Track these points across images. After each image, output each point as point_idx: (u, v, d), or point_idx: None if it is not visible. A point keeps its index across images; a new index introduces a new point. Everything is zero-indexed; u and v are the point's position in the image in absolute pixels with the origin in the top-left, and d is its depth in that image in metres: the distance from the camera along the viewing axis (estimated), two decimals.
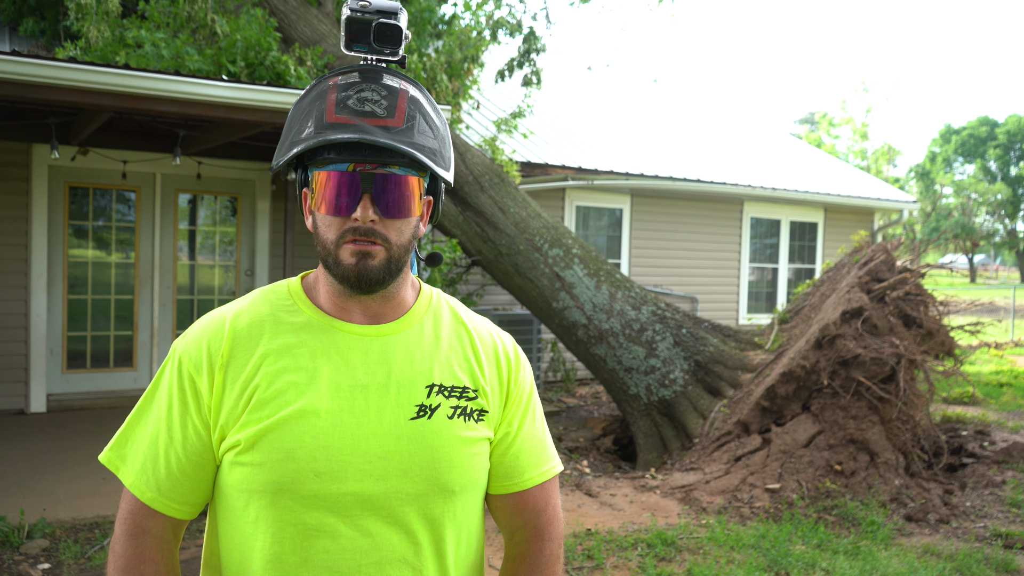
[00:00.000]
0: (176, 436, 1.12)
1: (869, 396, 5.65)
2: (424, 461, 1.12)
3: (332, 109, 1.08)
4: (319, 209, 1.11)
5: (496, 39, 8.81)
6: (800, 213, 12.11)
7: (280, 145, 1.15)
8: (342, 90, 1.10)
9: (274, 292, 1.20)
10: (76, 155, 7.07)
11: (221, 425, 1.10)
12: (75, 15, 6.58)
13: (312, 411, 1.09)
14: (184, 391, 1.12)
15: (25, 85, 4.46)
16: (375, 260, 1.09)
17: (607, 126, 12.48)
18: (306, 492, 1.07)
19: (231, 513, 1.13)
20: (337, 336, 1.14)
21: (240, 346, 1.12)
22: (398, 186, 1.09)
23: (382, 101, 1.09)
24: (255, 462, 1.08)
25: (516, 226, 7.05)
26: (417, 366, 1.16)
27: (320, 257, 1.14)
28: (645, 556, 4.38)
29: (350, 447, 1.09)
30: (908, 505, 5.32)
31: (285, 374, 1.10)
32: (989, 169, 47.71)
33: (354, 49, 1.14)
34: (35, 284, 6.96)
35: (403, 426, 1.12)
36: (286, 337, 1.13)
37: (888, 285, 6.09)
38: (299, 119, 1.12)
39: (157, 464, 1.13)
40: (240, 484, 1.10)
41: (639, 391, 6.56)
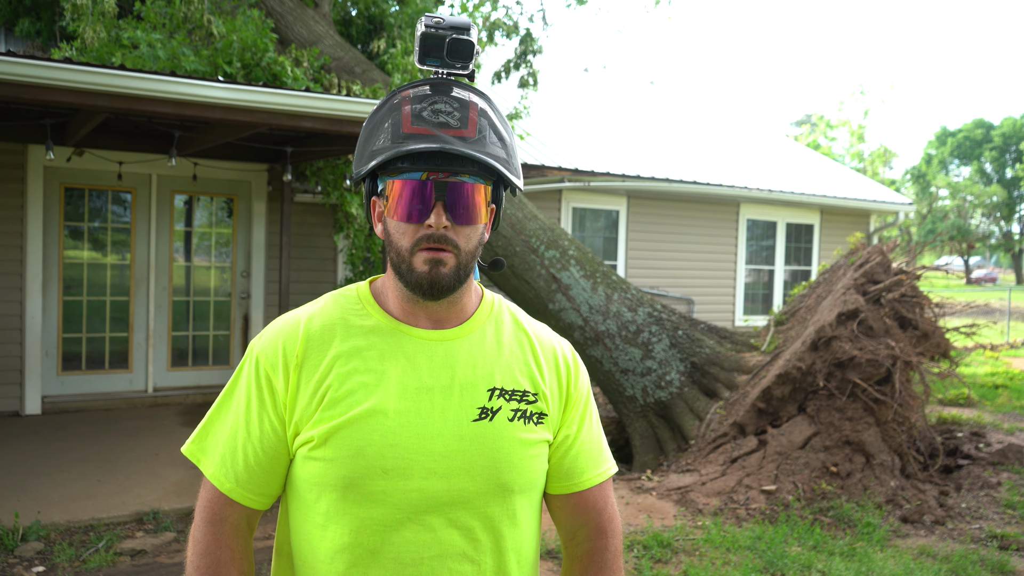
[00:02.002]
0: (254, 431, 1.19)
1: (865, 398, 5.65)
2: (485, 461, 1.18)
3: (408, 121, 1.14)
4: (393, 216, 1.16)
5: (493, 41, 8.81)
6: (796, 215, 12.13)
7: (359, 156, 1.21)
8: (416, 102, 1.16)
9: (344, 297, 1.26)
10: (72, 156, 7.05)
11: (296, 422, 1.17)
12: (71, 16, 6.57)
13: (380, 411, 1.15)
14: (261, 388, 1.19)
15: (20, 86, 4.45)
16: (447, 267, 1.15)
17: (604, 128, 12.48)
18: (374, 488, 1.13)
19: (303, 505, 1.19)
20: (404, 340, 1.20)
21: (313, 347, 1.19)
22: (468, 194, 1.15)
23: (455, 113, 1.14)
24: (327, 457, 1.14)
25: (512, 227, 7.05)
26: (479, 370, 1.22)
27: (393, 264, 1.19)
28: (641, 558, 4.38)
29: (416, 446, 1.15)
30: (904, 507, 5.33)
31: (355, 375, 1.16)
32: (984, 171, 47.83)
33: (427, 63, 1.19)
34: (30, 285, 6.94)
35: (466, 427, 1.18)
36: (356, 340, 1.19)
37: (884, 287, 6.10)
38: (375, 131, 1.18)
39: (236, 457, 1.19)
40: (312, 478, 1.16)
41: (635, 393, 6.56)
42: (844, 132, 41.32)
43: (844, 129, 41.15)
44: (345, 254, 7.73)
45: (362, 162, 1.19)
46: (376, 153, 1.15)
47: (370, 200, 1.25)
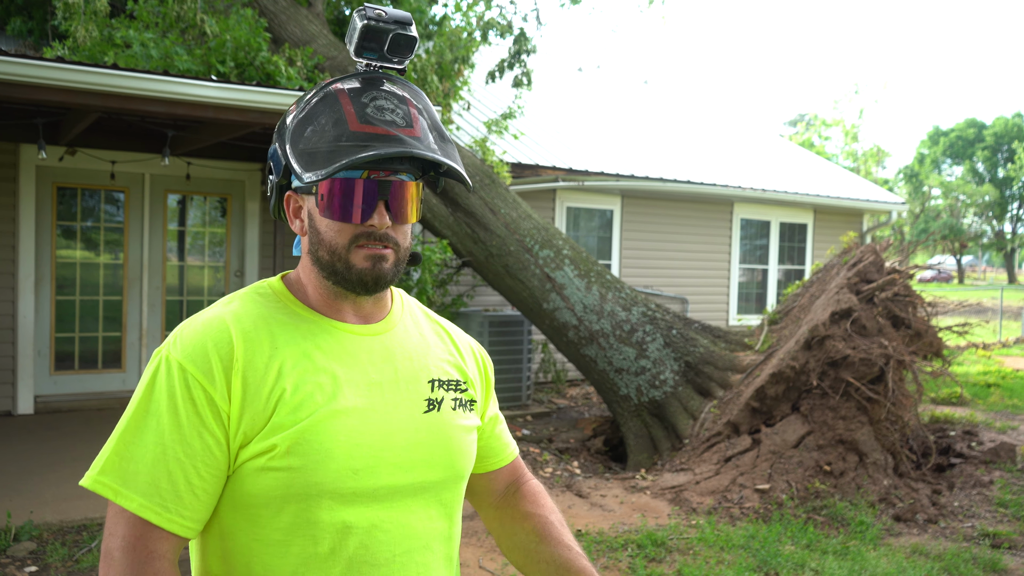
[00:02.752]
0: (192, 449, 1.06)
1: (858, 397, 5.67)
2: (442, 451, 1.20)
3: (353, 118, 1.10)
4: (331, 215, 1.12)
5: (487, 40, 8.80)
6: (790, 214, 12.15)
7: (299, 155, 1.11)
8: (354, 96, 1.12)
9: (260, 294, 1.20)
10: (64, 155, 7.02)
11: (243, 432, 1.07)
12: (63, 15, 6.54)
13: (343, 411, 1.11)
14: (193, 400, 1.07)
15: (12, 85, 4.43)
16: (388, 263, 1.15)
17: (598, 127, 12.49)
18: (345, 490, 1.10)
19: (253, 524, 1.10)
20: (340, 337, 1.17)
21: (253, 349, 1.10)
22: (407, 192, 1.14)
23: (397, 110, 1.12)
24: (293, 466, 1.07)
25: (507, 227, 7.05)
26: (416, 363, 1.23)
27: (323, 262, 1.15)
28: (635, 557, 4.39)
29: (381, 442, 1.13)
30: (897, 505, 5.35)
31: (309, 376, 1.11)
32: (977, 171, 48.02)
33: (363, 56, 1.16)
34: (23, 285, 6.91)
35: (419, 419, 1.18)
36: (295, 339, 1.14)
37: (877, 286, 6.11)
38: (309, 128, 1.12)
39: (172, 481, 1.05)
40: (272, 490, 1.08)
41: (629, 392, 6.57)
42: (838, 131, 41.44)
43: (838, 128, 41.27)
44: None
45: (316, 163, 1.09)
46: (336, 152, 1.08)
47: (281, 194, 1.21)
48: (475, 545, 4.50)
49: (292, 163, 1.12)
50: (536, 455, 6.49)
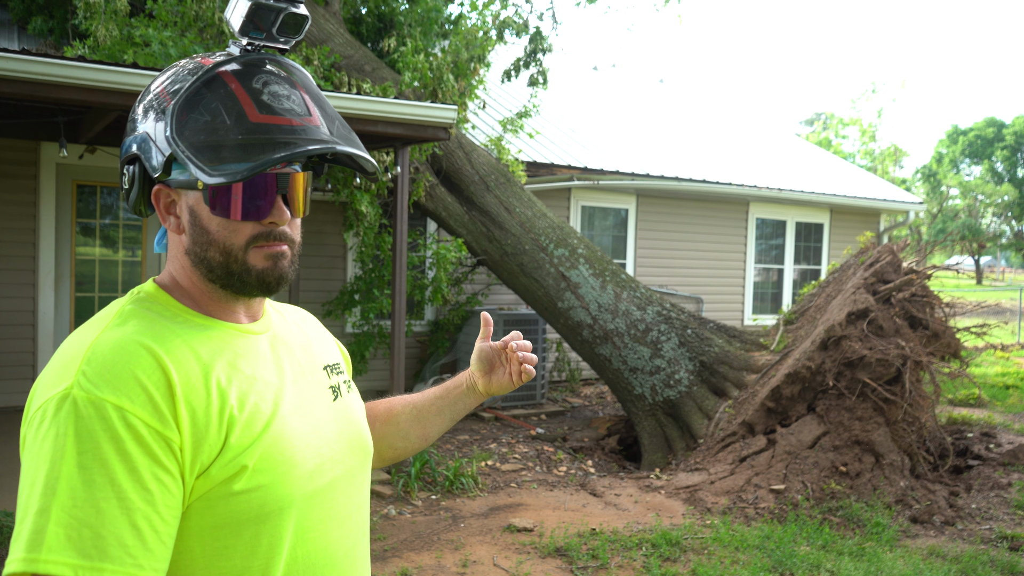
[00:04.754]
0: (152, 495, 0.92)
1: (875, 397, 5.64)
2: (356, 435, 1.19)
3: (253, 107, 1.00)
4: (225, 213, 1.02)
5: (503, 39, 8.80)
6: (806, 214, 12.09)
7: (198, 148, 0.98)
8: (243, 81, 1.02)
9: (149, 307, 1.06)
10: (84, 153, 7.09)
11: (200, 461, 0.97)
12: (83, 14, 6.60)
13: (286, 415, 1.06)
14: (140, 441, 0.92)
15: (34, 84, 4.48)
16: (287, 261, 1.08)
17: (613, 126, 12.47)
18: (307, 494, 1.06)
19: (221, 556, 1.00)
20: (246, 340, 1.10)
21: (184, 371, 0.99)
22: (300, 185, 1.08)
23: (292, 97, 1.03)
24: (263, 483, 1.00)
25: (522, 226, 7.05)
26: (307, 353, 1.20)
27: (214, 263, 1.05)
28: (650, 556, 4.39)
29: (318, 439, 1.10)
30: (913, 507, 5.32)
31: (246, 387, 1.04)
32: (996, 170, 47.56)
33: (250, 36, 1.05)
34: (43, 282, 6.99)
35: (333, 408, 1.16)
36: (215, 350, 1.04)
37: (894, 286, 6.08)
38: (202, 116, 1.00)
39: (139, 535, 0.91)
40: (244, 513, 0.99)
41: (644, 391, 6.56)
42: (855, 131, 41.15)
43: (855, 128, 40.98)
44: (355, 252, 7.75)
45: (222, 159, 0.97)
46: (250, 148, 0.97)
47: (144, 186, 1.08)
48: (489, 543, 4.52)
49: (189, 159, 0.98)
50: (550, 454, 6.50)
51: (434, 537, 4.58)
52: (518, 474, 5.94)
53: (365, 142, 6.18)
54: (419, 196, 6.94)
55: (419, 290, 7.83)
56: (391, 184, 6.59)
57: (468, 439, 6.88)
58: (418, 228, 8.60)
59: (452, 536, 4.60)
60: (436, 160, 7.15)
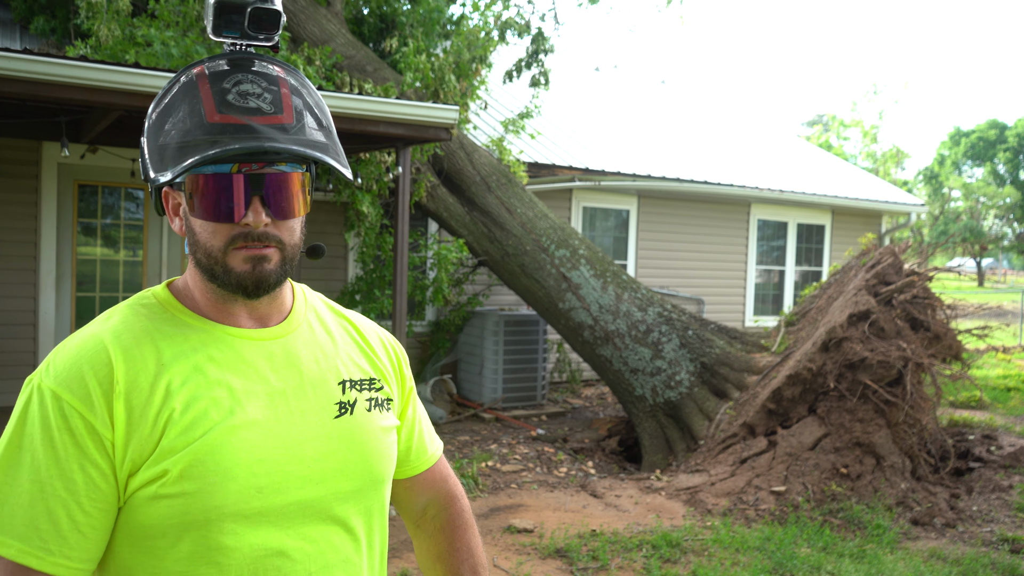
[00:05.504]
0: (74, 485, 0.95)
1: (876, 399, 5.64)
2: (357, 457, 1.12)
3: (212, 106, 0.99)
4: (201, 215, 1.02)
5: (504, 40, 8.81)
6: (807, 215, 12.08)
7: (154, 153, 1.02)
8: (215, 82, 1.01)
9: (144, 306, 1.09)
10: (85, 153, 7.10)
11: (130, 460, 0.97)
12: (85, 14, 6.61)
13: (240, 426, 1.02)
14: (72, 431, 0.96)
15: (36, 83, 4.48)
16: (271, 264, 1.05)
17: (615, 127, 12.47)
18: (249, 511, 1.01)
19: (152, 557, 1.00)
20: (236, 344, 1.08)
21: (135, 369, 1.00)
22: (287, 185, 1.04)
23: (265, 95, 1.01)
24: (188, 491, 0.98)
25: (523, 226, 7.05)
26: (323, 364, 1.14)
27: (202, 265, 1.06)
28: (650, 557, 4.38)
29: (286, 456, 1.05)
30: (914, 509, 5.31)
31: (201, 391, 1.02)
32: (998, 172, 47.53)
33: (223, 35, 1.05)
34: (44, 281, 6.99)
35: (330, 426, 1.10)
36: (184, 352, 1.04)
37: (895, 288, 6.07)
38: (168, 119, 1.02)
39: (53, 521, 0.95)
40: (168, 519, 0.98)
41: (645, 392, 6.56)
42: (856, 132, 41.14)
43: (856, 129, 40.98)
44: (356, 252, 7.75)
45: (164, 162, 1.00)
46: (185, 149, 0.98)
47: (160, 192, 1.09)
48: (490, 544, 4.51)
49: (146, 160, 1.01)
50: (551, 455, 6.50)
51: None
52: (518, 475, 5.93)
53: (367, 142, 6.18)
54: (420, 196, 6.94)
55: (420, 291, 7.83)
56: (392, 184, 6.59)
57: (468, 440, 6.88)
58: (419, 228, 8.60)
59: None
60: (437, 160, 7.16)
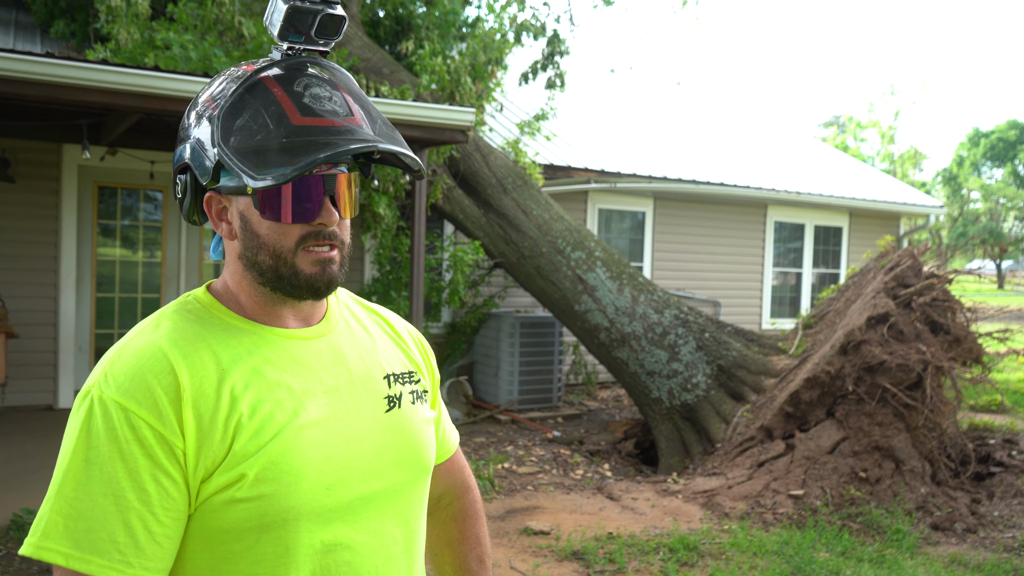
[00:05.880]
0: (149, 495, 0.96)
1: (895, 403, 5.59)
2: (409, 449, 1.15)
3: (295, 110, 1.01)
4: (274, 216, 1.04)
5: (520, 42, 8.81)
6: (824, 217, 12.01)
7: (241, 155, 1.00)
8: (284, 85, 1.02)
9: (189, 311, 1.09)
10: (105, 155, 7.16)
11: (203, 466, 0.99)
12: (105, 17, 6.67)
13: (307, 425, 1.04)
14: (142, 442, 0.96)
15: (58, 86, 4.53)
16: (336, 265, 1.08)
17: (630, 129, 12.45)
18: (320, 508, 1.04)
19: (225, 562, 1.02)
20: (287, 345, 1.09)
21: (198, 375, 1.01)
22: (348, 186, 1.08)
23: (333, 98, 1.04)
24: (265, 493, 1.00)
25: (539, 228, 7.05)
26: (367, 360, 1.16)
27: (263, 267, 1.06)
28: (667, 560, 4.37)
29: (348, 452, 1.07)
30: (934, 514, 5.26)
31: (263, 394, 1.03)
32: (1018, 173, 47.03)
33: (289, 40, 1.06)
34: (64, 282, 7.06)
35: (382, 420, 1.13)
36: (240, 355, 1.05)
37: (915, 291, 6.02)
38: (244, 121, 1.01)
39: (130, 533, 0.95)
40: (245, 522, 1.00)
41: (661, 395, 6.53)
42: (874, 133, 40.86)
43: (874, 130, 40.69)
44: (372, 253, 7.77)
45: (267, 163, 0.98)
46: (291, 151, 0.98)
47: (197, 194, 1.09)
48: (506, 546, 4.51)
49: (234, 164, 0.99)
50: (567, 457, 6.49)
51: None
52: (535, 477, 5.93)
53: None
54: (436, 198, 6.95)
55: (436, 292, 7.84)
56: (409, 187, 6.61)
57: (484, 441, 6.88)
58: (435, 230, 8.62)
59: None
60: (453, 162, 7.17)
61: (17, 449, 5.70)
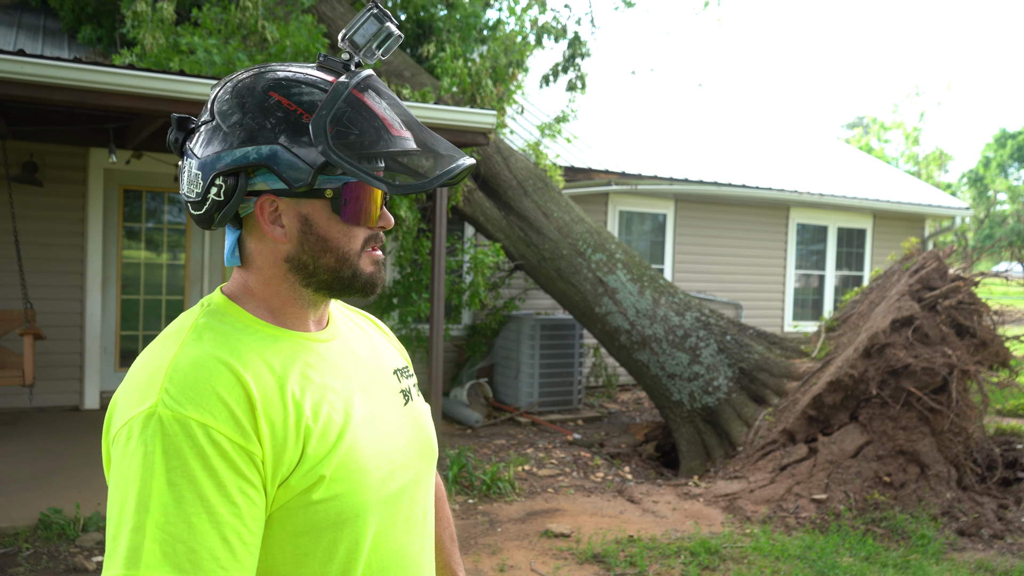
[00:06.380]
0: (240, 509, 0.96)
1: (920, 407, 5.52)
2: (426, 440, 1.22)
3: (390, 122, 1.07)
4: (352, 220, 1.08)
5: (541, 44, 8.82)
6: (848, 219, 11.90)
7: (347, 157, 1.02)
8: (373, 99, 1.08)
9: (221, 320, 1.09)
10: (131, 159, 7.25)
11: (281, 473, 1.00)
12: (131, 22, 6.76)
13: (359, 423, 1.09)
14: (226, 456, 0.95)
15: (86, 91, 4.60)
16: (383, 267, 1.15)
17: (651, 131, 12.41)
18: (379, 501, 1.09)
19: (302, 561, 1.03)
20: (316, 348, 1.12)
21: (262, 384, 1.02)
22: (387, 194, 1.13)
23: (401, 114, 1.10)
24: (340, 493, 1.03)
25: (559, 231, 7.05)
26: (375, 357, 1.22)
27: (323, 268, 1.09)
28: (688, 564, 4.34)
29: (390, 446, 1.13)
30: (960, 519, 5.19)
31: (318, 397, 1.06)
32: None
33: (366, 56, 1.12)
34: (90, 284, 7.16)
35: (404, 413, 1.19)
36: (286, 361, 1.07)
37: (940, 293, 5.95)
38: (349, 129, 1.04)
39: (229, 548, 0.94)
40: (323, 521, 1.02)
41: (682, 398, 6.51)
42: (898, 135, 40.42)
43: (898, 132, 40.26)
44: (393, 256, 7.81)
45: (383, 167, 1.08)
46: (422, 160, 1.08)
47: (259, 197, 1.07)
48: (527, 548, 4.51)
49: (359, 170, 1.02)
50: (587, 459, 6.47)
51: (471, 541, 4.59)
52: (555, 479, 5.92)
53: None
54: (457, 201, 6.97)
55: (457, 295, 7.86)
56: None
57: (505, 443, 6.88)
58: (456, 233, 8.64)
59: (489, 540, 4.60)
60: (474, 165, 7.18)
61: (44, 449, 5.78)
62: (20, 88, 4.47)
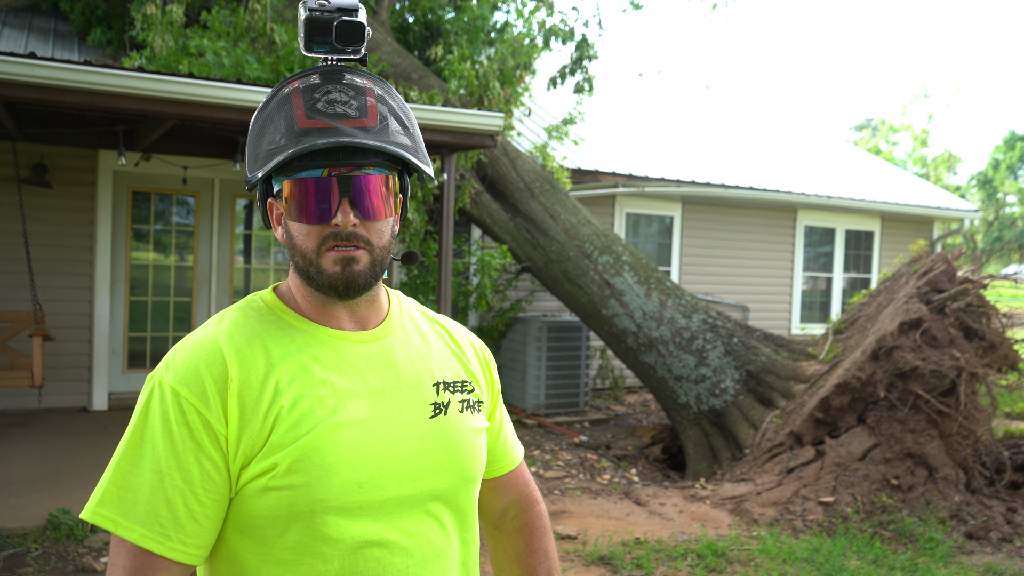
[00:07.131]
0: (190, 476, 1.03)
1: (928, 409, 5.51)
2: (450, 456, 1.17)
3: (302, 114, 1.07)
4: (296, 218, 1.09)
5: (548, 46, 8.82)
6: (856, 222, 11.87)
7: (252, 159, 1.11)
8: (306, 94, 1.08)
9: (252, 308, 1.16)
10: (139, 161, 7.29)
11: (243, 453, 1.05)
12: (141, 25, 6.80)
13: (344, 423, 1.08)
14: (189, 425, 1.04)
15: (96, 94, 4.63)
16: (360, 265, 1.10)
17: (658, 133, 12.40)
18: (351, 505, 1.07)
19: (261, 546, 1.07)
20: (338, 346, 1.14)
21: (247, 368, 1.07)
22: (375, 187, 1.10)
23: (351, 102, 1.08)
24: (295, 484, 1.04)
25: (566, 233, 7.05)
26: (419, 367, 1.19)
27: (299, 268, 1.12)
28: (695, 567, 4.34)
29: (385, 453, 1.10)
30: (968, 522, 5.17)
31: (306, 390, 1.08)
32: None
33: (314, 51, 1.11)
34: (99, 286, 7.19)
35: (425, 425, 1.15)
36: (291, 352, 1.11)
37: (948, 296, 5.93)
38: (265, 129, 1.10)
39: (171, 509, 1.03)
40: (276, 510, 1.05)
41: (689, 400, 6.50)
42: (906, 137, 40.29)
43: (906, 133, 40.12)
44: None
45: (257, 164, 1.09)
46: (274, 152, 1.06)
47: (265, 203, 1.16)
48: None
49: (248, 166, 1.11)
50: (594, 462, 6.47)
51: None
52: (561, 481, 5.92)
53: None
54: (464, 203, 6.98)
55: (464, 296, 7.87)
56: (437, 191, 6.65)
57: None
58: (463, 235, 8.65)
59: None
60: (481, 167, 7.19)
61: (53, 450, 5.81)
62: (31, 91, 4.50)
